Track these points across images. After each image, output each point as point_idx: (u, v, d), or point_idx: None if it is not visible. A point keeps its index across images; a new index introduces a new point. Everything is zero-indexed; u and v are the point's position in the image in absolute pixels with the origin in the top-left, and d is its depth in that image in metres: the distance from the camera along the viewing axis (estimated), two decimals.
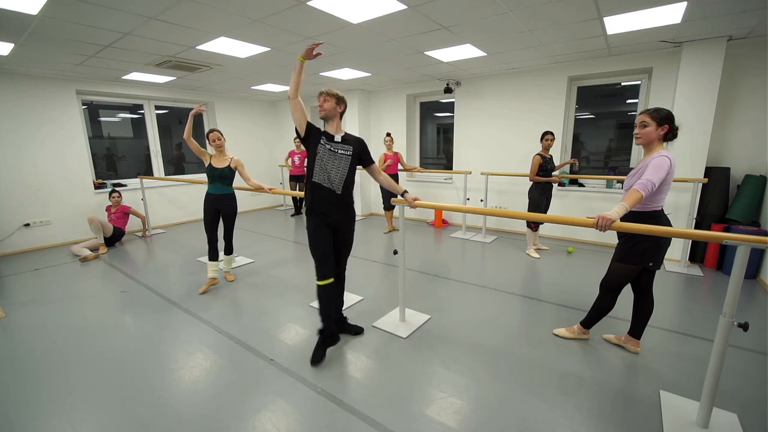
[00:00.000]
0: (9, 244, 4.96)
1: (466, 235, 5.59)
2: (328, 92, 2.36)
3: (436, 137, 7.49)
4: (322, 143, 2.36)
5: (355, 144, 2.44)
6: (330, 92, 2.36)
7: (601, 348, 2.51)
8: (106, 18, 3.00)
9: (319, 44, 2.22)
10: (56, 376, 2.28)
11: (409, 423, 1.86)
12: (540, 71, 5.16)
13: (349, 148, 2.41)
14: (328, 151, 2.35)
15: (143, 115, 6.39)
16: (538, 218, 2.37)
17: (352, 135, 2.50)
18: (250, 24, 3.22)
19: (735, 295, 1.56)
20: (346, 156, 2.39)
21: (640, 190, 1.87)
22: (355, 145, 2.43)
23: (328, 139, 2.37)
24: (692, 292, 3.49)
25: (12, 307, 3.28)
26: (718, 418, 1.83)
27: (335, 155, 2.36)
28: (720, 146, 4.15)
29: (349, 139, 2.45)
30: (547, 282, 3.77)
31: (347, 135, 2.47)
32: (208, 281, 3.60)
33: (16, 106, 4.88)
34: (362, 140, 2.51)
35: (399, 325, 2.84)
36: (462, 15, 3.11)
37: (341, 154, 2.38)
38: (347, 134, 2.48)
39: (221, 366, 2.37)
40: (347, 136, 2.46)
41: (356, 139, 2.49)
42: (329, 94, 2.36)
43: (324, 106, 2.36)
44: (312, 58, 2.26)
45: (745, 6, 2.96)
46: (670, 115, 2.06)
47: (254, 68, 4.89)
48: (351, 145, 2.42)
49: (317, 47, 2.22)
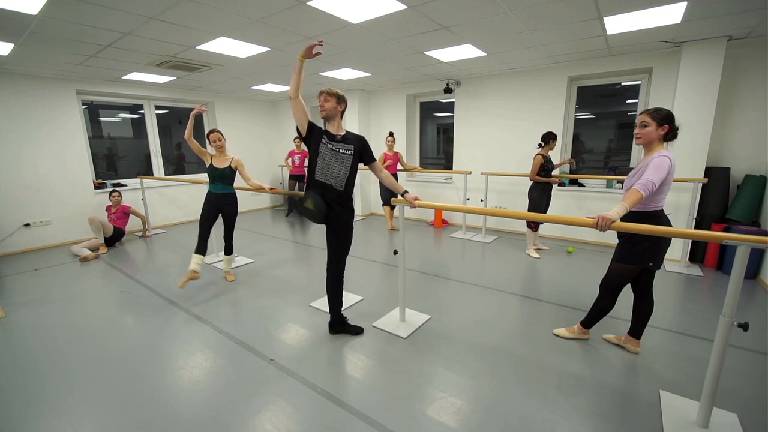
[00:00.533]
0: (9, 244, 4.96)
1: (466, 235, 5.59)
2: (328, 92, 2.36)
3: (436, 137, 7.49)
4: (324, 142, 2.37)
5: (356, 142, 2.45)
6: (330, 92, 2.37)
7: (601, 348, 2.51)
8: (106, 18, 3.00)
9: (319, 43, 2.22)
10: (56, 376, 2.28)
11: (409, 423, 1.86)
12: (540, 71, 5.16)
13: (351, 147, 2.42)
14: (330, 150, 2.36)
15: (143, 115, 6.40)
16: (538, 218, 2.38)
17: (353, 133, 2.51)
18: (250, 24, 3.22)
19: (735, 295, 1.56)
20: (348, 155, 2.40)
21: (640, 190, 1.87)
22: (356, 144, 2.44)
23: (329, 139, 2.38)
24: (692, 292, 3.49)
25: (12, 307, 3.28)
26: (718, 418, 1.82)
27: (337, 154, 2.37)
28: (720, 146, 4.14)
29: (350, 137, 2.46)
30: (547, 282, 3.77)
31: (348, 134, 2.48)
32: (189, 274, 3.33)
33: (16, 106, 4.88)
34: (363, 138, 2.52)
35: (399, 325, 2.84)
36: (462, 15, 3.11)
37: (343, 153, 2.39)
38: (348, 133, 2.48)
39: (221, 366, 2.37)
40: (348, 135, 2.46)
41: (357, 137, 2.50)
42: (330, 93, 2.36)
43: (325, 106, 2.37)
44: (312, 57, 2.26)
45: (745, 6, 2.96)
46: (670, 115, 2.06)
47: (254, 68, 4.89)
48: (352, 144, 2.43)
49: (317, 46, 2.22)
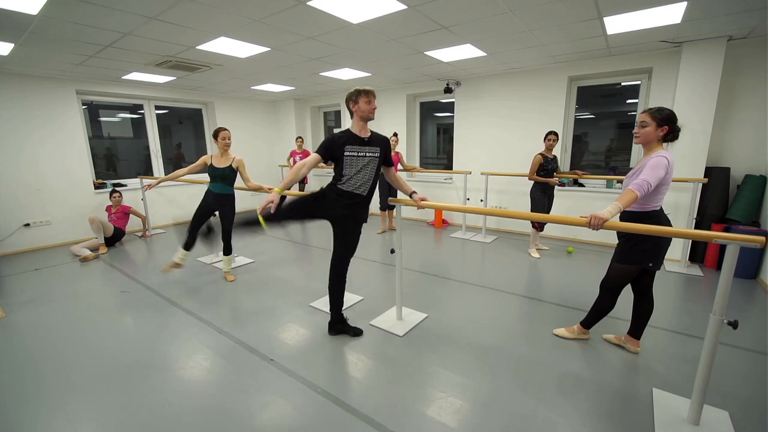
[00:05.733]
0: (9, 244, 4.96)
1: (466, 235, 5.59)
2: (374, 93, 2.27)
3: (436, 137, 7.49)
4: (348, 153, 2.28)
5: (381, 144, 2.38)
6: (374, 93, 2.28)
7: (600, 348, 2.51)
8: (106, 18, 3.00)
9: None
10: (56, 376, 2.28)
11: (408, 422, 1.86)
12: (540, 71, 5.16)
13: (376, 149, 2.35)
14: (355, 158, 2.29)
15: (143, 115, 6.40)
16: (537, 218, 2.38)
17: (379, 134, 2.43)
18: (250, 24, 3.22)
19: (725, 294, 1.58)
20: (374, 158, 2.34)
21: (635, 191, 1.88)
22: (381, 146, 2.38)
23: (354, 143, 2.29)
24: (692, 292, 3.49)
25: (12, 307, 3.28)
26: (709, 415, 1.84)
27: (363, 159, 2.30)
28: (720, 146, 4.14)
29: (376, 139, 2.38)
30: (546, 282, 3.77)
31: (374, 134, 2.39)
32: (171, 263, 3.59)
33: (16, 106, 4.88)
34: (388, 140, 2.47)
35: (396, 323, 2.84)
36: (462, 15, 3.11)
37: (369, 156, 2.32)
38: (374, 134, 2.40)
39: (221, 366, 2.37)
40: (374, 136, 2.38)
41: (382, 138, 2.43)
42: (374, 95, 2.27)
43: (374, 106, 2.28)
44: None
45: (745, 6, 2.96)
46: (671, 116, 2.03)
47: (254, 68, 4.89)
48: (378, 146, 2.36)
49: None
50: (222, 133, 3.51)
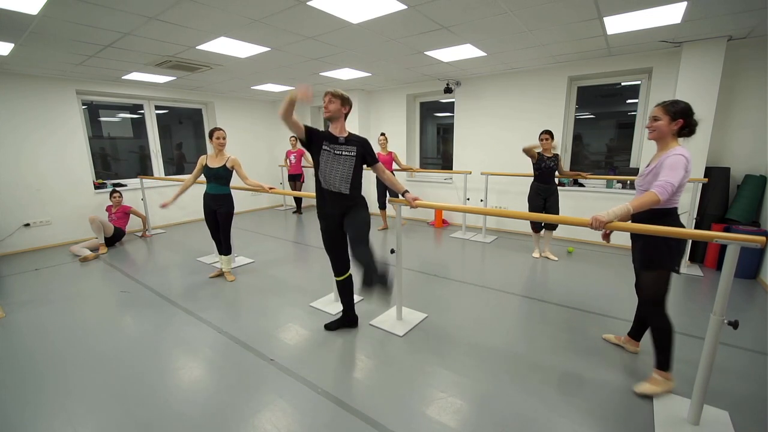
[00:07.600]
0: (9, 244, 4.96)
1: (466, 235, 5.58)
2: (333, 93, 2.34)
3: (436, 137, 7.49)
4: (325, 147, 2.35)
5: (358, 145, 2.43)
6: (336, 93, 2.35)
7: (600, 348, 2.51)
8: (106, 18, 3.00)
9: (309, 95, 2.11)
10: (56, 376, 2.28)
11: (408, 422, 1.86)
12: (540, 71, 5.16)
13: (353, 148, 2.40)
14: (331, 155, 2.35)
15: (143, 115, 6.39)
16: (536, 218, 2.37)
17: (357, 135, 2.49)
18: (250, 24, 3.22)
19: (725, 293, 1.58)
20: (350, 157, 2.38)
21: (658, 194, 1.72)
22: (358, 146, 2.43)
23: (331, 142, 2.37)
24: (692, 292, 3.49)
25: (12, 307, 3.28)
26: (709, 415, 1.83)
27: (339, 157, 2.36)
28: (720, 146, 4.14)
29: (353, 139, 2.44)
30: (546, 282, 3.76)
31: (351, 135, 2.45)
32: (217, 271, 3.96)
33: (16, 106, 4.87)
34: (366, 140, 2.52)
35: (396, 323, 2.85)
36: (462, 15, 3.11)
37: (345, 155, 2.37)
38: (351, 134, 2.46)
39: (221, 366, 2.37)
40: (351, 137, 2.44)
41: (360, 139, 2.48)
42: (335, 95, 2.34)
43: (329, 107, 2.35)
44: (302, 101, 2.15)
45: (745, 6, 2.96)
46: (686, 109, 1.89)
47: (254, 68, 4.89)
48: (354, 146, 2.41)
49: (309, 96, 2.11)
50: (217, 132, 3.53)
